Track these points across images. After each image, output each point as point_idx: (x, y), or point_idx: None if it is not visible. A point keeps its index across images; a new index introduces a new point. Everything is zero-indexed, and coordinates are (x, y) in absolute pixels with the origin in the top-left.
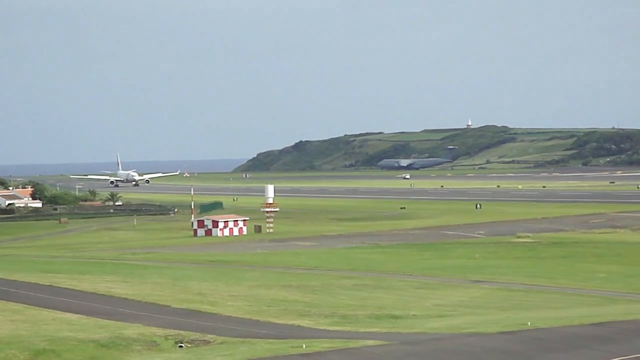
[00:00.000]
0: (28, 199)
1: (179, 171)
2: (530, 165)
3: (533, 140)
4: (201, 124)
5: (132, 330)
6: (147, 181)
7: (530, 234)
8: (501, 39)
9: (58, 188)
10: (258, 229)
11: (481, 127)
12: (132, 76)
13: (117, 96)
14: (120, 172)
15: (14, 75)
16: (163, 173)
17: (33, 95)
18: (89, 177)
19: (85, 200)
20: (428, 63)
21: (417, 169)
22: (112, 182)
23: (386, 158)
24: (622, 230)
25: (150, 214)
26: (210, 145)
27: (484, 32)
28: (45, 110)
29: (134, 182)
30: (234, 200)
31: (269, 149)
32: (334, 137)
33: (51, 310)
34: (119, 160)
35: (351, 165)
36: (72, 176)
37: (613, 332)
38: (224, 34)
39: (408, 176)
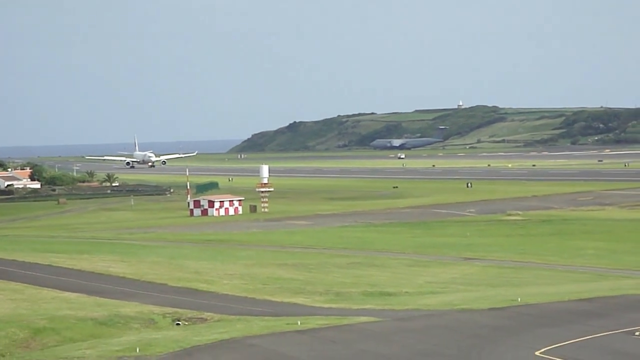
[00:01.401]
0: (27, 180)
1: (196, 152)
2: (520, 144)
3: (523, 120)
4: (197, 106)
5: (130, 308)
6: (164, 162)
7: (520, 212)
8: (491, 21)
9: (56, 169)
10: (253, 209)
11: (472, 107)
12: (126, 61)
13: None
14: (137, 153)
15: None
16: (179, 154)
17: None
18: (105, 158)
19: (83, 181)
20: (419, 44)
21: (409, 148)
22: (128, 164)
23: (379, 138)
24: (609, 208)
25: (146, 195)
26: (205, 126)
27: (474, 13)
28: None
29: (150, 164)
30: (229, 180)
31: (264, 130)
32: (327, 117)
33: (50, 289)
34: (136, 141)
35: (344, 146)
36: (87, 157)
37: (601, 308)
38: (219, 15)
39: (403, 156)
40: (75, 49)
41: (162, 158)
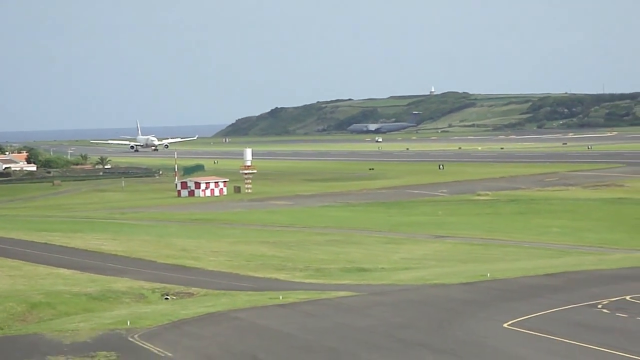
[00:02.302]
0: (23, 163)
1: (196, 136)
2: (489, 128)
3: (491, 106)
4: (182, 93)
5: (121, 284)
6: (166, 146)
7: (489, 192)
8: (461, 10)
9: (51, 153)
10: (237, 190)
11: (443, 93)
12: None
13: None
14: (140, 137)
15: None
16: (182, 138)
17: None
18: (109, 142)
19: (77, 164)
20: (393, 33)
21: (384, 133)
22: (132, 147)
23: (355, 123)
24: (573, 188)
25: (137, 176)
26: (190, 111)
27: (446, 4)
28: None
29: (153, 147)
30: (214, 163)
31: (247, 115)
32: (307, 103)
33: (46, 266)
34: (138, 126)
35: (323, 130)
36: (92, 141)
37: (565, 282)
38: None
39: (381, 139)
40: (68, 39)
41: (165, 142)
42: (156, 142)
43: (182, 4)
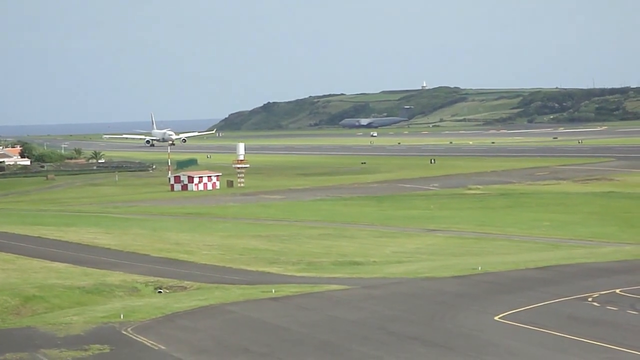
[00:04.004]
0: (17, 158)
1: (215, 130)
2: (480, 123)
3: (482, 100)
4: (174, 88)
5: (114, 277)
6: (184, 140)
7: (480, 186)
8: (453, 6)
9: (45, 147)
10: (230, 184)
11: (435, 88)
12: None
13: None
14: (155, 131)
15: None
16: (199, 132)
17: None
18: (124, 136)
19: (71, 159)
20: (386, 28)
21: (376, 127)
22: (147, 142)
23: (347, 118)
24: (564, 182)
25: (130, 171)
26: (183, 106)
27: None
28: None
29: (170, 142)
30: (207, 157)
31: (240, 110)
32: (299, 98)
33: (40, 259)
34: (153, 119)
35: (315, 125)
36: (105, 135)
37: (556, 275)
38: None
39: (375, 134)
40: (70, 33)
41: (182, 136)
42: (173, 137)
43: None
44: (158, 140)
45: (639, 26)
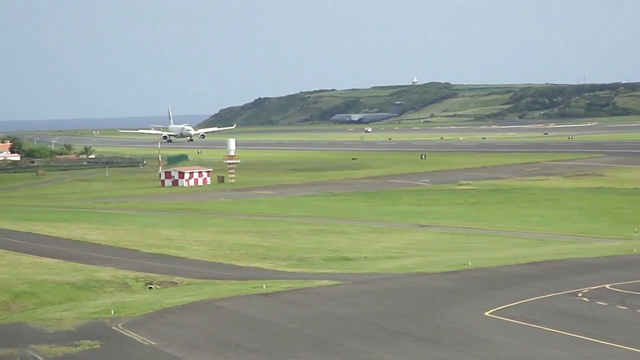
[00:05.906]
0: (7, 153)
1: (235, 125)
2: (470, 118)
3: (473, 96)
4: (166, 84)
5: (105, 273)
6: (203, 136)
7: (471, 182)
8: (443, 1)
9: (35, 142)
10: (221, 180)
11: (426, 83)
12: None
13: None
14: (172, 126)
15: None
16: (218, 127)
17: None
18: (141, 131)
19: (61, 154)
20: (376, 23)
21: (367, 123)
22: (165, 137)
23: (338, 113)
24: (554, 178)
25: (121, 166)
26: (173, 101)
27: None
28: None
29: (189, 137)
30: (198, 153)
31: (231, 106)
32: (290, 94)
33: (30, 255)
34: (170, 114)
35: (306, 120)
36: (120, 130)
37: (546, 271)
38: None
39: (370, 129)
40: (59, 28)
41: (201, 131)
42: (192, 132)
43: None
44: (175, 136)
45: (630, 22)
